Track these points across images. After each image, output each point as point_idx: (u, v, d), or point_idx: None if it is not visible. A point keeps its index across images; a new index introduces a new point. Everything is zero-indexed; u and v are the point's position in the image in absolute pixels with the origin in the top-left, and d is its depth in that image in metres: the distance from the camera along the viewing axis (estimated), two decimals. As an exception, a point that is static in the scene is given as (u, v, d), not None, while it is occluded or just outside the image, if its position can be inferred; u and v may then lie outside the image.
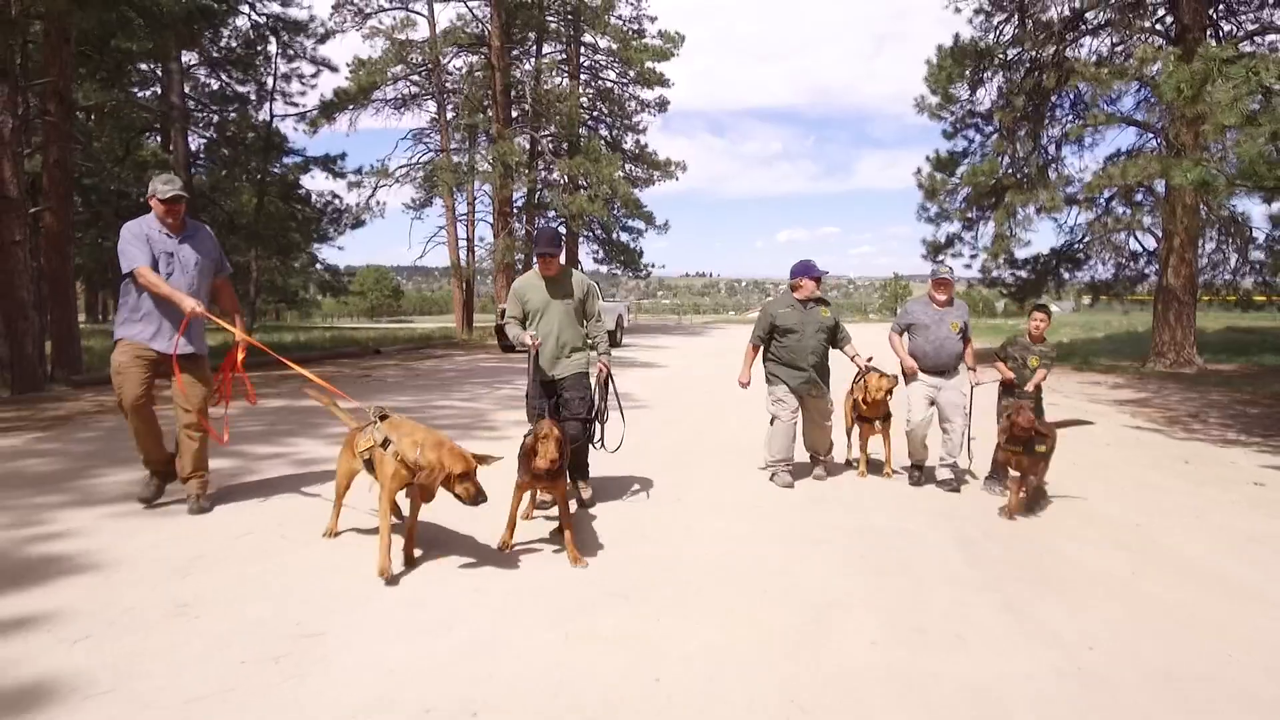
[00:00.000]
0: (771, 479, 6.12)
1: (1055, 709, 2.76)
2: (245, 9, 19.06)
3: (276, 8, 19.34)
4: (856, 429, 6.57)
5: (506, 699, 2.74)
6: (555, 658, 3.05)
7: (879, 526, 5.00)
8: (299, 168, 23.03)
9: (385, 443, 3.95)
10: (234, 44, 19.58)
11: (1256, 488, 6.25)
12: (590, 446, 5.33)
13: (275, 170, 22.47)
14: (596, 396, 5.26)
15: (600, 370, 5.29)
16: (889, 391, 6.21)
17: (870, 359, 6.41)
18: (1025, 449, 5.20)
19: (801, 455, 6.37)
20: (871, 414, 6.32)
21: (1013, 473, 5.46)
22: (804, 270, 6.17)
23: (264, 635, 3.18)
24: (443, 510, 4.44)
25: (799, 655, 3.13)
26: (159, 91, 23.33)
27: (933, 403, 6.03)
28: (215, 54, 19.39)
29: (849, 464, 6.75)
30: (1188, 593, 3.89)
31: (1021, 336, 6.14)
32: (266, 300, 33.37)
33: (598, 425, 5.29)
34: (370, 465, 4.13)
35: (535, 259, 5.24)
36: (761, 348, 6.29)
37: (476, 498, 3.75)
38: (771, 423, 6.15)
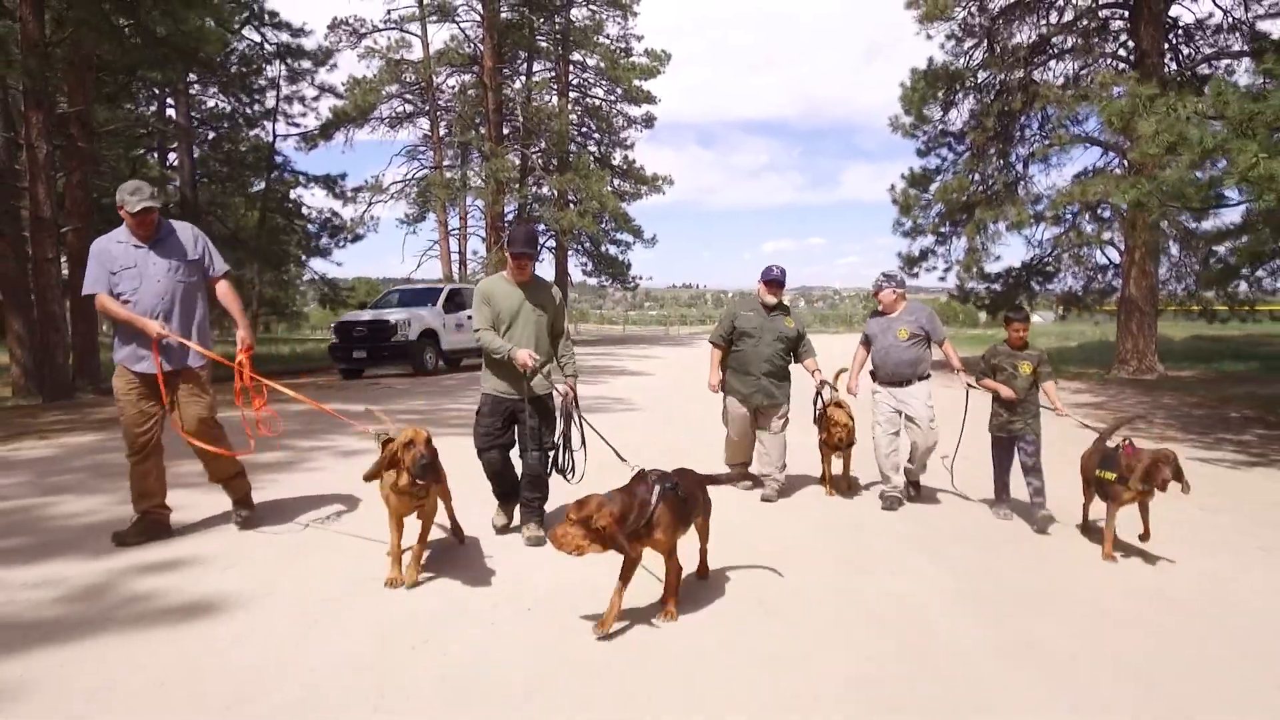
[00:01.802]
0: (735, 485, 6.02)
1: (949, 608, 3.77)
2: (257, 36, 20.03)
3: (285, 36, 20.38)
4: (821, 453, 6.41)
5: (550, 600, 3.78)
6: (581, 579, 4.00)
7: (840, 502, 6.00)
8: (293, 181, 23.85)
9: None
10: (243, 68, 20.49)
11: (1177, 477, 7.18)
12: (561, 476, 4.68)
13: (275, 187, 23.30)
14: (560, 422, 4.69)
15: (566, 393, 4.63)
16: (850, 429, 6.02)
17: (837, 389, 6.28)
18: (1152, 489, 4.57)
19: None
20: (833, 442, 6.12)
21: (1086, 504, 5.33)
22: (765, 274, 6.07)
23: (365, 564, 4.19)
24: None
25: (765, 577, 4.18)
26: (156, 108, 24.16)
27: (898, 414, 5.79)
28: (221, 76, 20.26)
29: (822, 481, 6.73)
30: (1086, 548, 4.86)
31: (1002, 345, 5.62)
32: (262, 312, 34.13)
33: (564, 452, 4.66)
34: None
35: (509, 260, 4.65)
36: (724, 349, 6.11)
37: (416, 463, 3.60)
38: (726, 436, 6.19)
